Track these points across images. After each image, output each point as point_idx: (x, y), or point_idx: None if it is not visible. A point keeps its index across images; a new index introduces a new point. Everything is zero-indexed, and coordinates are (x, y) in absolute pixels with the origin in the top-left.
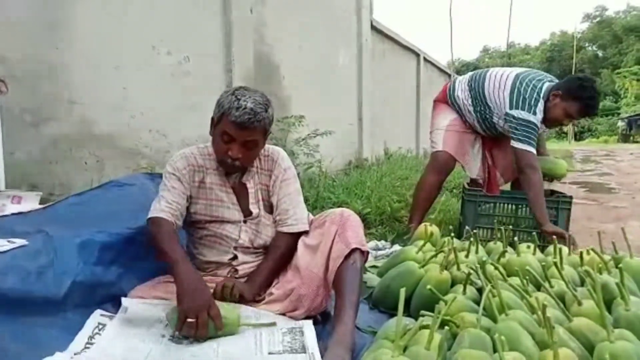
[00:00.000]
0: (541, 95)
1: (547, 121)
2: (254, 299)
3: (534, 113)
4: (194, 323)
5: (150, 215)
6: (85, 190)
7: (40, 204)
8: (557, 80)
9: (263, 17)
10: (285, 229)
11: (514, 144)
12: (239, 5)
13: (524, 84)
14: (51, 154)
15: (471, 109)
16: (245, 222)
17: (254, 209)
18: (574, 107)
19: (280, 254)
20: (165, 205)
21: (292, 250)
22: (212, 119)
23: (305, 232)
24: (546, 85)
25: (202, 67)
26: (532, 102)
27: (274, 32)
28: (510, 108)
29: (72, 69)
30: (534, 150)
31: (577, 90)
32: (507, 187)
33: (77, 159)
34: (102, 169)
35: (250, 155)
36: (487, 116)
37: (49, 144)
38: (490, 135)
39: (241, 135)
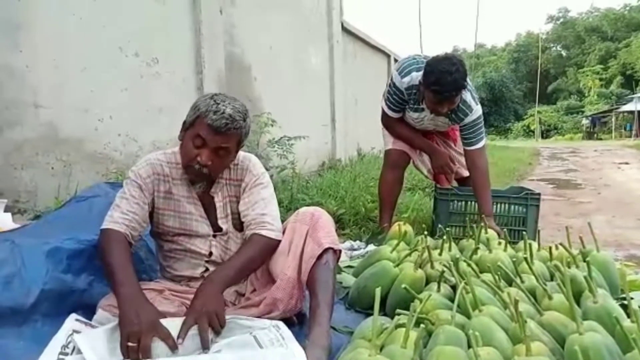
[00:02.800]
0: (421, 69)
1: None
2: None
3: (403, 76)
4: (135, 347)
5: (102, 225)
6: (49, 211)
7: (5, 211)
8: None
9: (233, 18)
10: (262, 232)
11: (382, 102)
12: (208, 6)
13: (413, 57)
14: (16, 160)
15: None
16: (214, 236)
17: (223, 224)
18: (429, 95)
19: (250, 255)
20: (119, 216)
21: (264, 255)
22: (184, 122)
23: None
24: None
25: (171, 68)
26: (409, 69)
27: (244, 33)
28: (394, 69)
29: (36, 72)
30: (388, 112)
31: (424, 77)
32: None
33: (44, 164)
34: (69, 174)
35: (220, 163)
36: None
37: (13, 149)
38: (422, 130)
39: (215, 140)
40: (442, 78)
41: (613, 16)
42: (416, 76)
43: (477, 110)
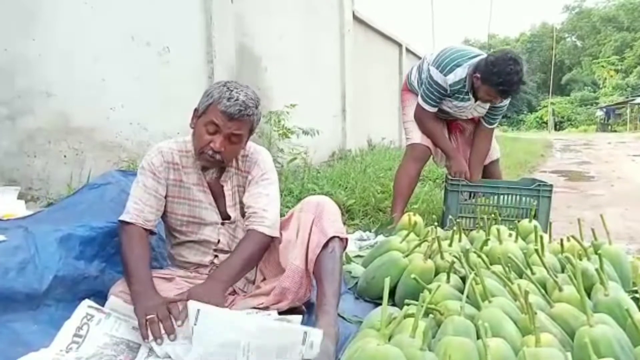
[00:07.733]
0: (462, 64)
1: (478, 98)
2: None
3: (446, 74)
4: (155, 318)
5: (121, 217)
6: (62, 198)
7: (18, 198)
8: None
9: (244, 8)
10: (260, 228)
11: (418, 98)
12: None
13: (449, 51)
14: (29, 148)
15: None
16: (223, 224)
17: (231, 212)
18: (491, 91)
19: (249, 252)
20: (134, 207)
21: (262, 252)
22: (196, 109)
23: (282, 226)
24: (475, 59)
25: (182, 58)
26: (451, 65)
27: (255, 22)
28: (431, 65)
29: (48, 61)
30: (427, 107)
31: (489, 76)
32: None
33: (56, 152)
34: (82, 163)
35: (232, 150)
36: None
37: (26, 138)
38: (446, 119)
39: (228, 126)
40: (510, 79)
41: (630, 6)
42: (460, 72)
43: None
